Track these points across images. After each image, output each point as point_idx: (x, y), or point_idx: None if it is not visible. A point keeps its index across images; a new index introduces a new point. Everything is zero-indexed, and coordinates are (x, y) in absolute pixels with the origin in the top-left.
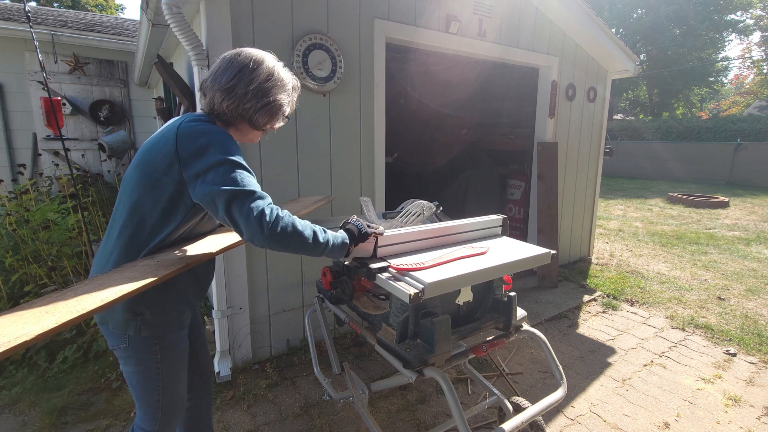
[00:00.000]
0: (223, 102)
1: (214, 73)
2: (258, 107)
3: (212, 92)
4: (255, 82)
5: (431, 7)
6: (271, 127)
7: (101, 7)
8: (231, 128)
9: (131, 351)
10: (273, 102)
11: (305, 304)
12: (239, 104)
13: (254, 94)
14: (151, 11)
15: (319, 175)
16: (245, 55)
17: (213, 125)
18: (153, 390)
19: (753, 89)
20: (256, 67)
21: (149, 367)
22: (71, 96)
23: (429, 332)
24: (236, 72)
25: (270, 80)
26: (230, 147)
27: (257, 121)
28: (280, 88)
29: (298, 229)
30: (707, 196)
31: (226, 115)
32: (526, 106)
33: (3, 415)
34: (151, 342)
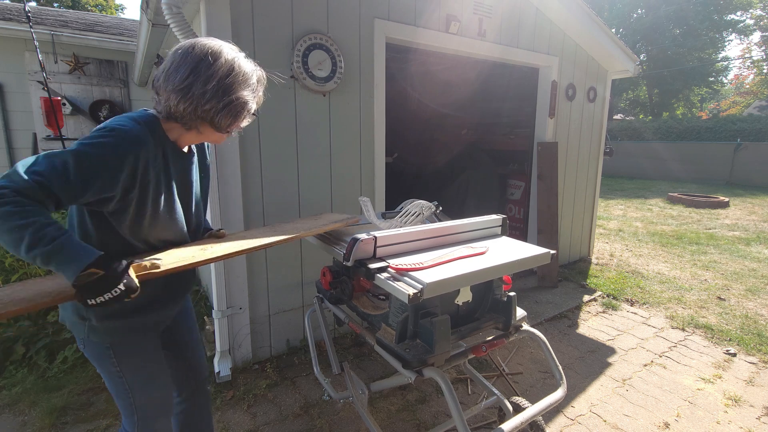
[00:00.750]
0: (180, 104)
1: (167, 71)
2: (219, 108)
3: (166, 93)
4: (214, 79)
5: (431, 7)
6: (236, 127)
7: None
8: (192, 132)
9: (88, 354)
10: (236, 100)
11: (305, 304)
12: (197, 106)
13: (214, 93)
14: (151, 11)
15: (319, 175)
16: (200, 47)
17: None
18: (122, 393)
19: (753, 89)
20: (214, 60)
21: (110, 371)
22: (71, 96)
23: (428, 332)
24: (191, 68)
25: (231, 75)
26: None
27: (219, 123)
28: (243, 84)
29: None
30: (707, 196)
31: (185, 118)
32: (526, 106)
33: (3, 415)
34: (102, 347)
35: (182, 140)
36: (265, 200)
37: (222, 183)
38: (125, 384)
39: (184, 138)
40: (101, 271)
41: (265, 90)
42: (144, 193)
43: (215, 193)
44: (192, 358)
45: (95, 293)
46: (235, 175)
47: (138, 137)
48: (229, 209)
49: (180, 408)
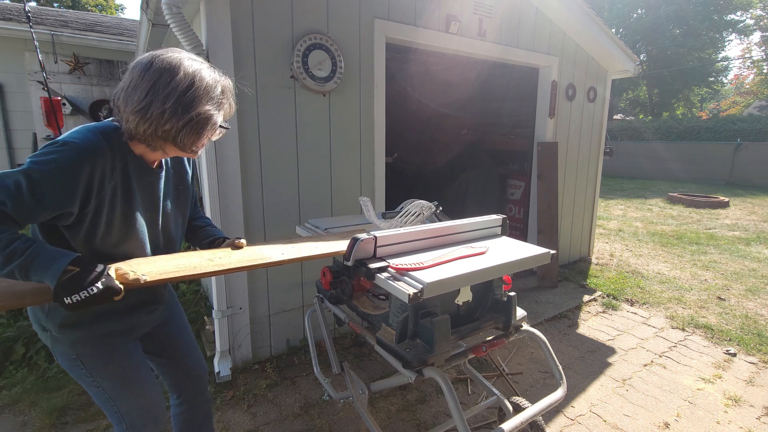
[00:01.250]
0: (139, 126)
1: (126, 89)
2: (180, 126)
3: (126, 114)
4: (172, 97)
5: (431, 7)
6: (201, 145)
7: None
8: (158, 151)
9: (61, 363)
10: (196, 117)
11: (305, 304)
12: (157, 127)
13: (173, 111)
14: (151, 11)
15: (319, 175)
16: (158, 62)
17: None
18: (104, 401)
19: (753, 89)
20: (173, 77)
21: (85, 382)
22: (71, 96)
23: (428, 332)
24: (149, 87)
25: (191, 90)
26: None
27: (183, 142)
28: (204, 97)
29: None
30: (707, 196)
31: (147, 139)
32: (526, 106)
33: (3, 415)
34: (70, 358)
35: (149, 157)
36: (265, 200)
37: (222, 183)
38: (104, 393)
39: (150, 156)
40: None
41: (236, 100)
42: (100, 206)
43: (215, 194)
44: (187, 361)
45: (70, 291)
46: (234, 175)
47: (92, 149)
48: (229, 209)
49: (179, 410)
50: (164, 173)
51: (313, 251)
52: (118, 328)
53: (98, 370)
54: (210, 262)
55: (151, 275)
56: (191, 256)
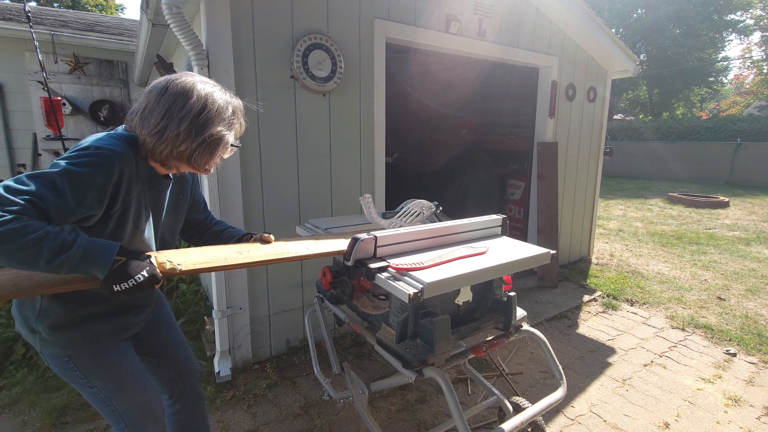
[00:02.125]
0: (156, 148)
1: (141, 112)
2: (194, 147)
3: (142, 137)
4: (186, 120)
5: (431, 7)
6: (214, 164)
7: (101, 7)
8: (172, 169)
9: (51, 367)
10: (209, 138)
11: (305, 304)
12: (173, 149)
13: (187, 134)
14: (151, 11)
15: (319, 175)
16: (173, 87)
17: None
18: (100, 402)
19: (753, 89)
20: (187, 100)
21: (78, 384)
22: (71, 96)
23: (428, 332)
24: (165, 111)
25: (204, 112)
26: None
27: (197, 162)
28: (217, 119)
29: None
30: (707, 196)
31: (163, 160)
32: (526, 106)
33: (3, 415)
34: (62, 360)
35: (159, 169)
36: (265, 200)
37: (222, 183)
38: (99, 393)
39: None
40: (124, 258)
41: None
42: (126, 209)
43: (215, 193)
44: (177, 360)
45: (119, 280)
46: (234, 175)
47: (122, 154)
48: (229, 209)
49: (173, 410)
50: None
51: (335, 247)
52: (109, 329)
53: (91, 371)
54: (239, 255)
55: (185, 265)
56: (221, 249)
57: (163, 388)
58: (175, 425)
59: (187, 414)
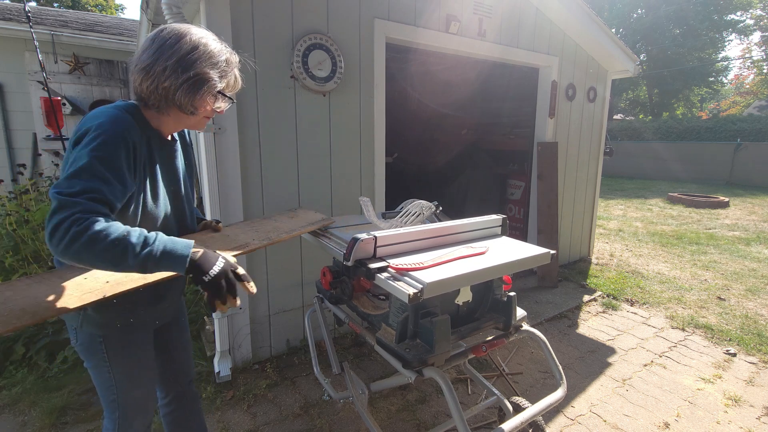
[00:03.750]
0: (143, 83)
1: (137, 55)
2: (178, 84)
3: (132, 75)
4: (175, 56)
5: (431, 7)
6: (206, 108)
7: (101, 7)
8: (164, 116)
9: (79, 345)
10: (195, 76)
11: (305, 304)
12: (158, 83)
13: (173, 69)
14: (151, 11)
15: (319, 175)
16: (168, 29)
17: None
18: (107, 388)
19: (753, 89)
20: (178, 40)
21: (98, 365)
22: (71, 96)
23: (428, 332)
24: (156, 48)
25: (193, 52)
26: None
27: (180, 100)
28: (205, 61)
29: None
30: (707, 196)
31: (150, 99)
32: (526, 106)
33: (3, 415)
34: (96, 339)
35: (164, 129)
36: (265, 200)
37: (222, 183)
38: (112, 379)
39: (164, 126)
40: (200, 250)
41: (242, 75)
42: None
43: (215, 193)
44: (181, 359)
45: (206, 268)
46: (234, 174)
47: (125, 123)
48: (229, 209)
49: (168, 409)
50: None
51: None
52: (146, 316)
53: (116, 355)
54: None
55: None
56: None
57: (160, 385)
58: (171, 425)
59: (183, 413)
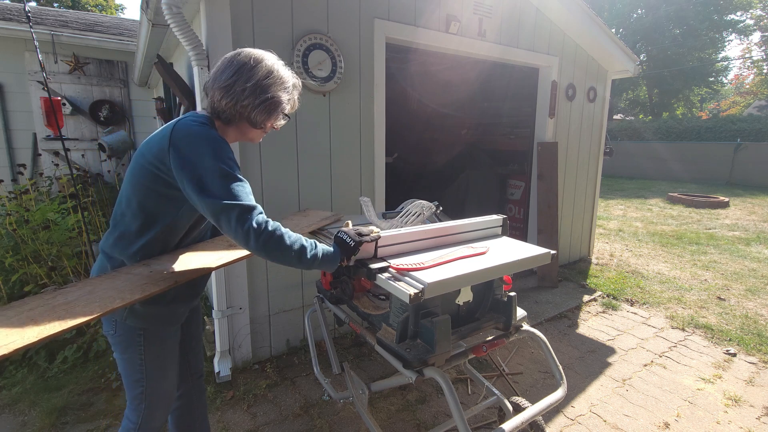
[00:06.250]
0: (222, 100)
1: (215, 73)
2: (256, 104)
3: (212, 91)
4: (253, 79)
5: (431, 7)
6: (271, 125)
7: (101, 7)
8: (231, 127)
9: (117, 338)
10: (271, 99)
11: (305, 304)
12: (237, 102)
13: (252, 91)
14: (151, 11)
15: (319, 176)
16: (245, 54)
17: (207, 128)
18: (137, 381)
19: (753, 89)
20: (255, 65)
21: (132, 357)
22: (71, 96)
23: (429, 332)
24: (235, 70)
25: (269, 77)
26: (223, 153)
27: (255, 118)
28: (279, 86)
29: (286, 243)
30: (707, 196)
31: (226, 113)
32: (526, 106)
33: (3, 415)
34: (136, 332)
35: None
36: (265, 200)
37: None
38: (143, 371)
39: (227, 137)
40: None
41: (300, 98)
42: None
43: None
44: (193, 355)
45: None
46: None
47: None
48: None
49: (177, 404)
50: None
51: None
52: (180, 312)
53: (153, 347)
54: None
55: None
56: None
57: None
58: (177, 419)
59: (190, 409)
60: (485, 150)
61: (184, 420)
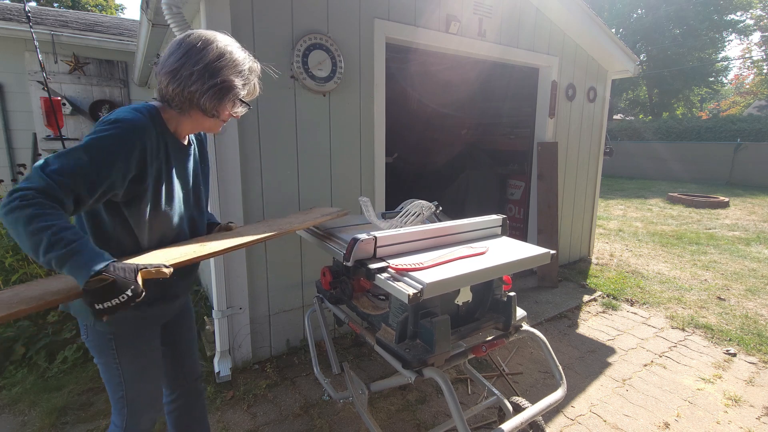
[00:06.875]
0: (169, 85)
1: (163, 57)
2: (204, 89)
3: (159, 76)
4: (202, 62)
5: (431, 7)
6: (229, 114)
7: (101, 7)
8: (184, 116)
9: (90, 342)
10: (221, 83)
11: (305, 304)
12: (184, 87)
13: (200, 75)
14: (151, 11)
15: (319, 176)
16: (195, 35)
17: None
18: (117, 384)
19: (753, 89)
20: (205, 46)
21: (108, 362)
22: (71, 96)
23: (428, 332)
24: (183, 53)
25: (220, 60)
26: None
27: (205, 105)
28: (231, 69)
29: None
30: (707, 196)
31: (175, 100)
32: (526, 106)
33: (3, 415)
34: (106, 336)
35: (181, 130)
36: (265, 200)
37: (222, 183)
38: (121, 376)
39: (182, 127)
40: (111, 278)
41: (260, 83)
42: (157, 184)
43: (215, 193)
44: (187, 357)
45: (103, 299)
46: (235, 175)
47: (142, 125)
48: (229, 209)
49: (173, 407)
50: (192, 150)
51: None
52: (155, 313)
53: (126, 353)
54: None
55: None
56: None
57: (165, 382)
58: (175, 421)
59: (187, 410)
60: (485, 150)
61: (182, 421)
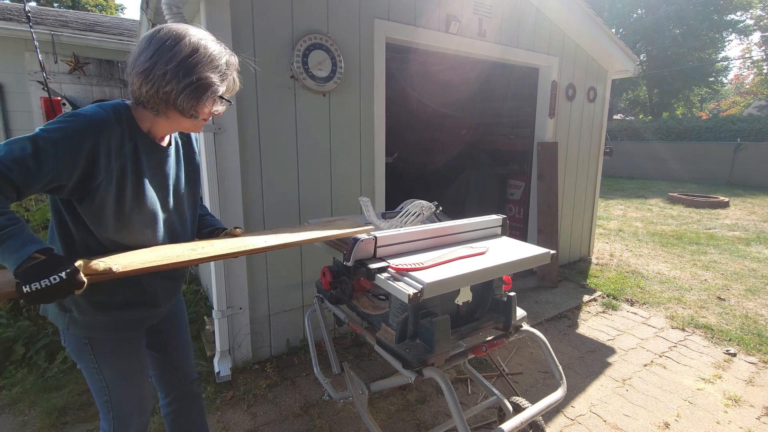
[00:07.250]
0: (142, 87)
1: (134, 57)
2: (180, 89)
3: (131, 77)
4: (175, 60)
5: (431, 7)
6: (209, 112)
7: (101, 7)
8: (160, 117)
9: (68, 347)
10: (197, 81)
11: (305, 304)
12: (159, 88)
13: (174, 73)
14: (151, 11)
15: (319, 175)
16: (166, 30)
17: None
18: (100, 389)
19: (753, 89)
20: (177, 42)
21: (88, 366)
22: (71, 96)
23: (428, 332)
24: (155, 50)
25: (194, 56)
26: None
27: (182, 105)
28: (207, 65)
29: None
30: (707, 196)
31: (150, 102)
32: (526, 106)
33: (3, 415)
34: (81, 340)
35: (156, 130)
36: (264, 200)
37: (222, 183)
38: (103, 380)
39: (158, 127)
40: (43, 257)
41: (240, 77)
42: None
43: (215, 193)
44: (180, 360)
45: (30, 279)
46: (234, 174)
47: (100, 122)
48: (229, 209)
49: (169, 410)
50: (173, 151)
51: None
52: (134, 319)
53: (104, 358)
54: (192, 252)
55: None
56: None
57: (160, 386)
58: (171, 424)
59: (184, 413)
60: (485, 150)
61: (179, 424)
